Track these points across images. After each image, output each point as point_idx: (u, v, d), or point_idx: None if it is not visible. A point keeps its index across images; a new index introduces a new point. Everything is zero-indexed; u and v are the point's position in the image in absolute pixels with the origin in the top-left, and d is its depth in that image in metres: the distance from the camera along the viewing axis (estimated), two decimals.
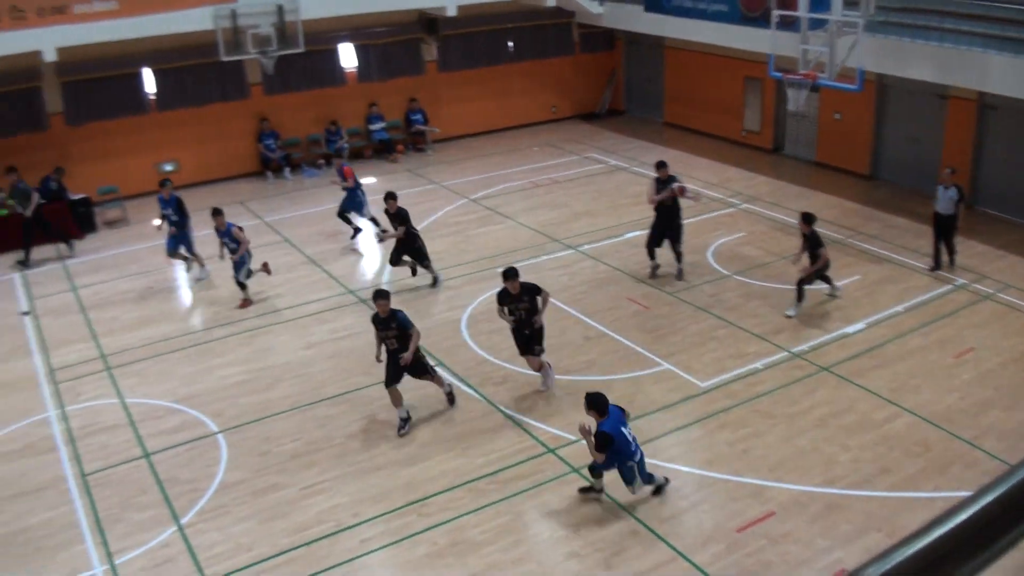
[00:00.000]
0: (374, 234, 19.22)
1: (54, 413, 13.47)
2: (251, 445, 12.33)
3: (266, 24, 21.38)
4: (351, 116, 25.67)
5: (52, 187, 20.85)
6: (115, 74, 22.57)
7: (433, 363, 13.99)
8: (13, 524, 11.10)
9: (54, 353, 15.35)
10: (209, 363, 14.73)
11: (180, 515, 10.98)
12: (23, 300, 17.65)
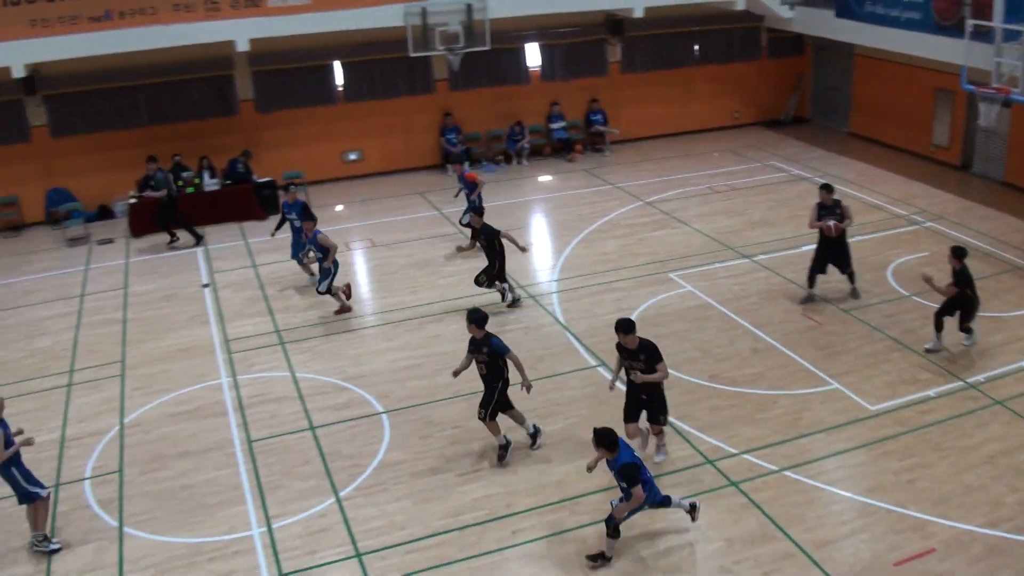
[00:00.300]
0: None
1: (227, 380, 14.09)
2: (413, 428, 12.52)
3: (454, 22, 21.72)
4: (532, 114, 25.82)
5: (239, 169, 21.86)
6: (305, 66, 23.42)
7: (595, 363, 13.91)
8: (178, 480, 11.71)
9: (230, 324, 16.04)
10: (379, 346, 15.06)
11: (339, 488, 11.26)
12: (205, 273, 18.52)
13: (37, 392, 14.24)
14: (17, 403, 13.95)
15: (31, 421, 13.39)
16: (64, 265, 19.73)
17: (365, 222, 21.37)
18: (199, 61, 22.35)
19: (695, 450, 11.71)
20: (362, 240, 20.02)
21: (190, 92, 22.75)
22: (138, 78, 22.19)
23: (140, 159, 21.84)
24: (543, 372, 13.70)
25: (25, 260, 20.23)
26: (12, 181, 22.26)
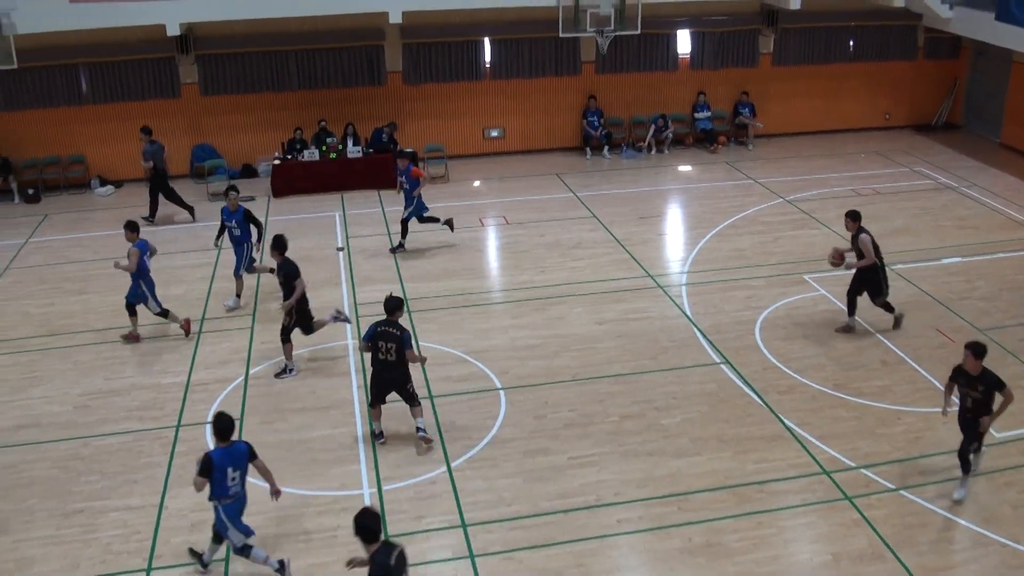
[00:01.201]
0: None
1: (352, 342, 14.41)
2: (529, 407, 12.55)
3: (607, 5, 21.54)
4: (678, 102, 25.44)
5: (383, 139, 22.23)
6: (455, 40, 23.62)
7: (718, 360, 13.68)
8: (296, 434, 12.10)
9: (360, 288, 16.40)
10: (503, 322, 15.15)
11: (452, 458, 11.40)
12: (340, 237, 18.93)
13: (164, 337, 14.89)
14: (148, 344, 14.69)
15: (160, 363, 14.13)
16: (204, 217, 20.48)
17: (501, 199, 21.49)
18: (351, 30, 22.81)
19: (812, 459, 11.39)
20: (496, 217, 20.13)
21: (340, 60, 23.24)
22: (290, 43, 22.80)
23: (287, 122, 22.60)
24: (665, 364, 13.56)
25: (167, 211, 21.02)
26: (160, 134, 23.02)
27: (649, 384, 13.07)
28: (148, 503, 10.85)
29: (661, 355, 13.81)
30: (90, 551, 10.19)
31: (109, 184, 23.21)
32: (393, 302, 11.59)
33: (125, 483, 11.23)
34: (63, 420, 12.73)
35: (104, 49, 22.18)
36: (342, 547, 9.88)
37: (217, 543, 9.70)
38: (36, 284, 17.40)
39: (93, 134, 23.07)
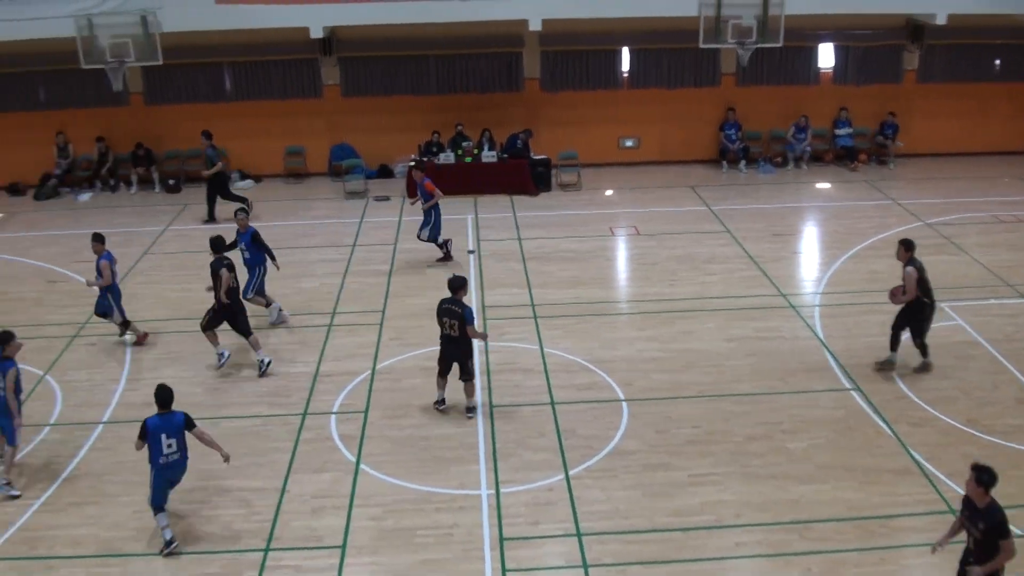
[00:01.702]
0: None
1: (478, 344, 14.37)
2: (652, 420, 12.33)
3: (748, 16, 21.18)
4: (818, 117, 24.69)
5: (518, 145, 22.31)
6: (593, 48, 23.54)
7: (849, 386, 13.20)
8: (418, 430, 12.21)
9: (489, 292, 16.44)
10: (629, 333, 14.97)
11: (570, 466, 11.27)
12: (471, 240, 19.03)
13: (299, 327, 15.22)
14: (278, 335, 15.03)
15: (289, 352, 14.44)
16: (340, 215, 20.92)
17: (633, 209, 21.31)
18: (490, 36, 22.97)
19: (940, 496, 10.82)
20: (627, 227, 19.94)
21: (479, 65, 23.46)
22: (430, 48, 23.13)
23: (425, 124, 22.90)
24: (794, 386, 13.16)
25: (305, 206, 21.62)
26: (301, 133, 23.89)
27: (776, 405, 12.70)
28: (270, 486, 11.09)
29: (790, 377, 13.41)
30: (211, 527, 10.48)
31: (248, 178, 23.91)
32: (457, 281, 12.19)
33: (250, 465, 11.50)
34: (194, 400, 13.07)
35: (249, 49, 22.92)
36: (457, 545, 9.93)
37: None
38: (174, 270, 18.07)
39: (234, 130, 23.79)
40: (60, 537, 10.52)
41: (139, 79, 23.33)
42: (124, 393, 13.56)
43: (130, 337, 15.04)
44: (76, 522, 10.77)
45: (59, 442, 12.37)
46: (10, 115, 23.82)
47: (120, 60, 21.10)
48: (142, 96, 23.74)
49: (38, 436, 12.33)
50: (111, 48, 20.96)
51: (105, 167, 23.73)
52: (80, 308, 16.40)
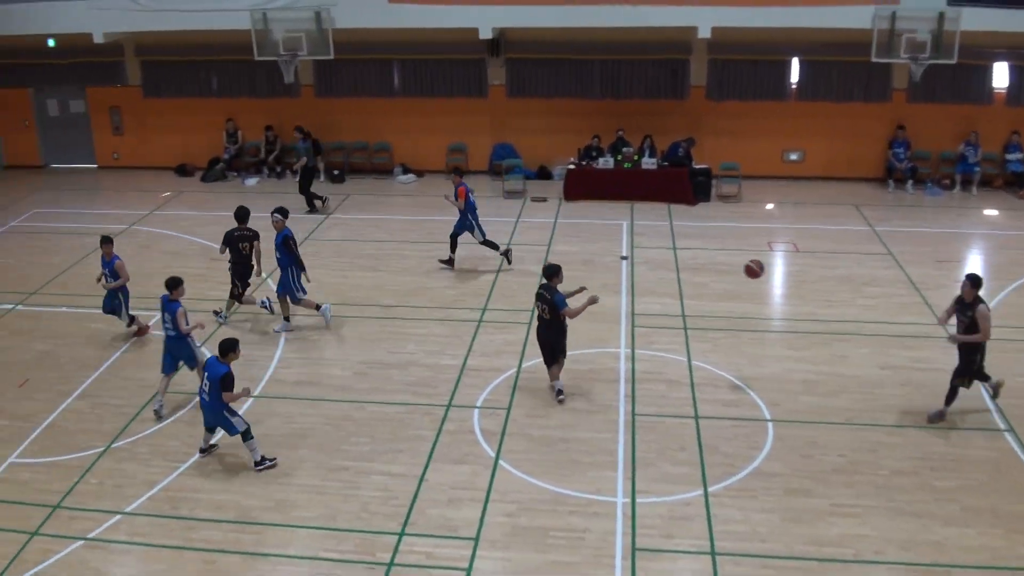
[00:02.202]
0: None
1: (625, 351, 14.33)
2: (796, 444, 11.95)
3: (923, 30, 20.40)
4: (989, 140, 23.47)
5: (679, 153, 22.05)
6: (761, 58, 23.08)
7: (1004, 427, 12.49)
8: (559, 431, 12.18)
9: (639, 299, 16.29)
10: (780, 352, 14.59)
11: (709, 483, 11.05)
12: (625, 246, 18.91)
13: (450, 320, 15.46)
14: (429, 326, 15.32)
15: (438, 344, 14.68)
16: (497, 213, 21.10)
17: (793, 225, 20.78)
18: (657, 42, 22.81)
19: None
20: (785, 243, 19.47)
21: (644, 71, 23.33)
22: (595, 52, 23.12)
23: (587, 128, 22.92)
24: (947, 422, 12.53)
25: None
26: (465, 130, 24.27)
27: (927, 441, 12.12)
28: (410, 473, 11.29)
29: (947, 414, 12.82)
30: (348, 506, 10.75)
31: (411, 173, 24.44)
32: (550, 269, 12.91)
33: (391, 451, 11.76)
34: (342, 383, 13.51)
35: (418, 47, 23.43)
36: (588, 549, 9.86)
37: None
38: (333, 256, 18.62)
39: (400, 125, 24.43)
40: (202, 500, 11.01)
41: (310, 72, 24.16)
42: (277, 370, 14.07)
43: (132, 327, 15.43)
44: (219, 488, 11.25)
45: None
46: (184, 100, 25.32)
47: (293, 53, 22.04)
48: (312, 88, 24.55)
49: (191, 403, 12.90)
50: (285, 42, 21.93)
51: (272, 154, 24.64)
52: None
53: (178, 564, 10.03)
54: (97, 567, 10.10)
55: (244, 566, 9.93)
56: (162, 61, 25.22)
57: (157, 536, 10.46)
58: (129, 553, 10.31)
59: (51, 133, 27.30)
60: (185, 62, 24.95)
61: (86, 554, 10.30)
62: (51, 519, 10.91)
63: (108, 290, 15.07)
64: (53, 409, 13.38)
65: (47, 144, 27.42)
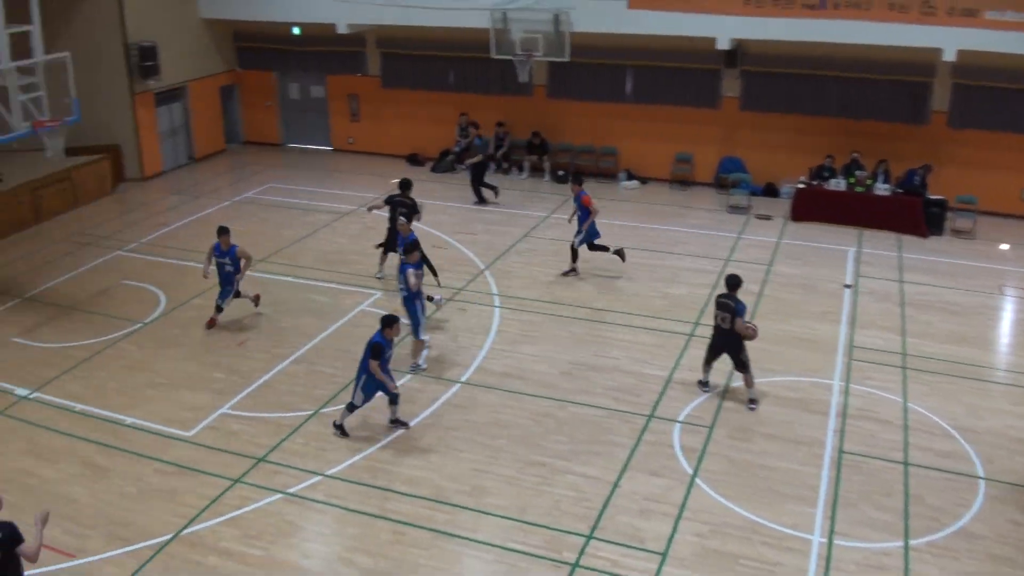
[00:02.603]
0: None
1: (838, 384, 13.80)
2: (1007, 508, 11.05)
3: None
4: None
5: (915, 181, 21.02)
6: (1010, 87, 21.50)
7: None
8: (760, 458, 11.88)
9: (859, 331, 15.62)
10: (1002, 406, 13.58)
11: (912, 535, 10.49)
12: (850, 274, 18.21)
13: (659, 331, 15.35)
14: (637, 334, 15.28)
15: (645, 353, 14.62)
16: (719, 228, 20.80)
17: None
18: (898, 63, 21.69)
19: None
20: (1020, 288, 18.17)
21: (882, 92, 22.24)
22: (833, 69, 22.27)
23: (819, 147, 22.23)
24: None
25: (685, 213, 21.74)
26: (693, 141, 23.99)
27: None
28: (604, 477, 11.33)
29: None
30: (540, 501, 10.92)
31: (635, 179, 24.39)
32: (733, 279, 13.06)
33: (588, 453, 11.84)
34: (547, 380, 13.69)
35: (653, 54, 23.29)
36: None
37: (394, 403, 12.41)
38: (549, 254, 18.80)
39: (628, 131, 24.43)
40: (399, 474, 11.49)
41: (544, 73, 24.50)
42: (485, 360, 14.40)
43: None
44: (417, 464, 11.70)
45: (417, 390, 13.48)
46: (421, 93, 26.32)
47: (529, 54, 22.48)
48: (545, 89, 24.90)
49: (400, 380, 13.40)
50: (522, 42, 22.42)
51: (501, 150, 25.17)
52: (457, 274, 17.68)
53: (370, 531, 10.50)
54: (293, 520, 10.72)
55: (432, 543, 10.28)
56: (401, 54, 26.21)
57: (353, 501, 10.99)
58: (325, 513, 10.87)
59: (291, 115, 29.00)
60: (423, 56, 25.85)
61: (284, 507, 10.95)
62: (254, 470, 11.69)
63: (222, 278, 15.67)
64: (268, 370, 14.28)
65: (287, 125, 29.14)
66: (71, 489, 11.49)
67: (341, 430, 12.40)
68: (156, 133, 25.52)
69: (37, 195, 22.02)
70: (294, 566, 10.03)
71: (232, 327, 15.84)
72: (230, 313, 16.09)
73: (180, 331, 15.75)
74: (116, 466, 11.93)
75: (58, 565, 10.10)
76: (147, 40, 24.31)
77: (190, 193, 24.01)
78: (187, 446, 12.31)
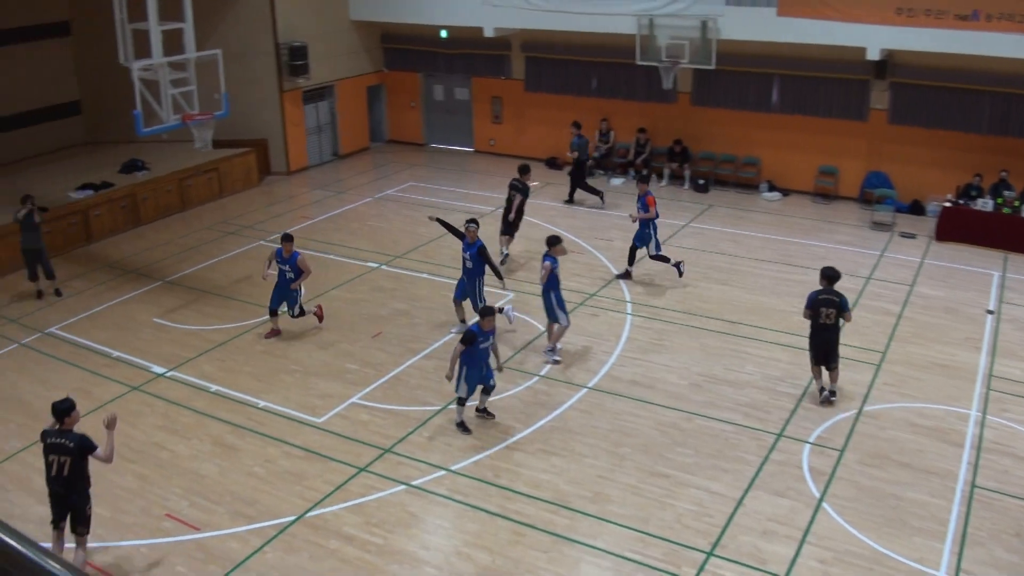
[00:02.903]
0: None
1: (975, 414, 13.21)
2: None
3: None
4: None
5: None
6: None
7: None
8: (891, 487, 11.46)
9: (1000, 360, 14.91)
10: None
11: None
12: (994, 299, 17.44)
13: (794, 347, 14.86)
14: (771, 349, 14.98)
15: (778, 370, 14.31)
16: (860, 244, 20.24)
17: None
18: None
19: None
20: None
21: None
22: (987, 83, 21.30)
23: (969, 165, 21.39)
24: None
25: (828, 228, 21.22)
26: (837, 154, 23.36)
27: None
28: (728, 494, 11.17)
29: None
30: (662, 513, 10.85)
31: (777, 191, 23.93)
32: (832, 272, 13.23)
33: (713, 468, 11.69)
34: (676, 391, 13.59)
35: (800, 63, 22.77)
36: None
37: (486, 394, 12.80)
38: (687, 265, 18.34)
39: (772, 141, 23.97)
40: (522, 475, 11.60)
41: (689, 80, 24.27)
42: (614, 366, 14.38)
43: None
44: (540, 466, 11.79)
45: (544, 392, 13.58)
46: (562, 97, 26.38)
47: (674, 60, 22.30)
48: (689, 96, 24.67)
49: (527, 382, 13.52)
50: (667, 48, 22.26)
51: (641, 157, 25.04)
52: (590, 280, 17.74)
53: (489, 528, 10.63)
54: (415, 512, 10.95)
55: (551, 546, 10.34)
56: (545, 58, 26.40)
57: (475, 498, 11.15)
58: (447, 507, 11.06)
59: (434, 116, 29.55)
60: (567, 60, 25.97)
61: (407, 498, 11.19)
62: (380, 460, 12.00)
63: (281, 284, 15.57)
64: (400, 363, 14.60)
65: (430, 125, 29.70)
66: (201, 465, 12.04)
67: (463, 427, 12.62)
68: (303, 129, 26.35)
69: (184, 184, 23.12)
70: (412, 556, 10.24)
71: (368, 319, 16.22)
72: (367, 308, 16.51)
73: (316, 320, 16.20)
74: (246, 446, 12.43)
75: (183, 536, 10.62)
76: (298, 40, 25.16)
77: (333, 188, 24.70)
78: (316, 432, 12.71)
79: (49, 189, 21.18)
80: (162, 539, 10.59)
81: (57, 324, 16.50)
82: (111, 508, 11.12)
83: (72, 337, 15.99)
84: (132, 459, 12.15)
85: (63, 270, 18.53)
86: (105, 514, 10.92)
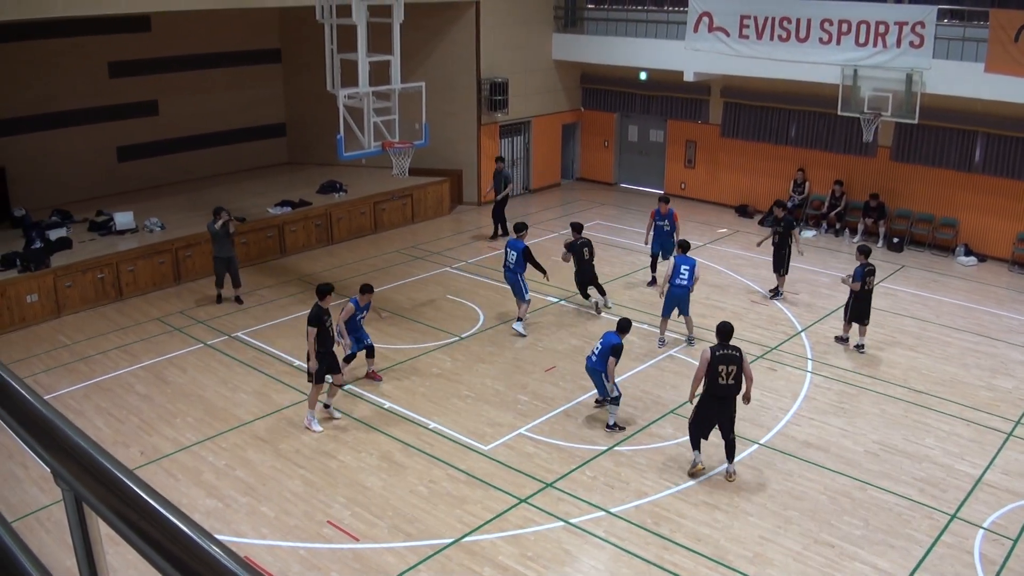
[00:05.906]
0: None
1: None
2: None
3: None
4: None
5: None
6: None
7: None
8: None
9: None
10: None
11: None
12: None
13: (978, 424, 14.21)
14: (953, 424, 14.26)
15: (959, 446, 13.60)
16: None
17: None
18: None
19: None
20: None
21: None
22: None
23: None
24: None
25: (1020, 298, 19.96)
26: None
27: None
28: (895, 573, 10.63)
29: None
30: None
31: (973, 255, 22.74)
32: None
33: (882, 543, 11.18)
34: (850, 457, 13.09)
35: (1005, 122, 21.62)
36: None
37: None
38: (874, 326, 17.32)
39: (972, 203, 22.84)
40: (684, 526, 11.45)
41: (890, 134, 23.51)
42: (788, 425, 14.03)
43: None
44: (702, 519, 11.61)
45: (714, 444, 13.04)
46: (758, 144, 26.08)
47: (877, 112, 21.67)
48: (889, 151, 23.88)
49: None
50: (870, 100, 21.68)
51: (836, 210, 24.38)
52: (771, 332, 17.41)
53: None
54: (570, 550, 10.99)
55: None
56: (743, 104, 26.19)
57: (632, 544, 11.09)
58: (602, 549, 11.05)
59: (626, 156, 29.79)
60: (766, 108, 25.66)
61: (563, 535, 11.24)
62: (541, 493, 12.11)
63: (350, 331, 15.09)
64: (571, 399, 14.73)
65: (621, 165, 29.95)
66: (367, 478, 12.48)
67: (618, 427, 13.55)
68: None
69: (378, 207, 24.16)
70: None
71: (544, 353, 16.41)
72: (545, 341, 16.74)
73: (494, 349, 16.54)
74: (412, 464, 12.80)
75: (342, 544, 11.04)
76: (499, 76, 25.82)
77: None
78: (482, 459, 12.95)
79: (250, 204, 22.55)
80: (321, 544, 11.02)
81: (244, 329, 17.52)
82: (276, 508, 11.71)
83: (257, 343, 16.94)
84: (301, 464, 12.75)
85: (255, 279, 19.62)
86: (269, 513, 11.51)
